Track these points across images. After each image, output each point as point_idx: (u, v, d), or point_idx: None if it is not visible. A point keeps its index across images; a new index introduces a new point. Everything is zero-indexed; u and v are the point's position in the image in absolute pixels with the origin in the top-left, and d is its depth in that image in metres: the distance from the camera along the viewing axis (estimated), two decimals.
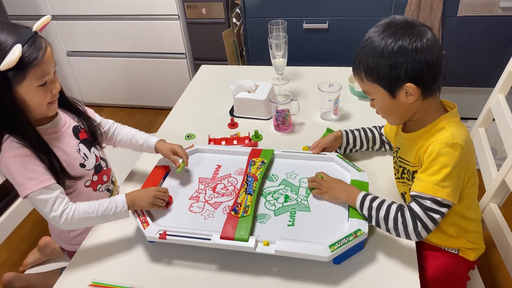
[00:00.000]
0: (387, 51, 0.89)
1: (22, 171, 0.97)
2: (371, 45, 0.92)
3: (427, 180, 0.90)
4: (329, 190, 1.04)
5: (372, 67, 0.92)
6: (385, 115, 1.02)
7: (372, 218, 0.95)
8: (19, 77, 0.91)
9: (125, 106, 2.95)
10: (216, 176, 1.19)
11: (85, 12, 2.55)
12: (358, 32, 2.24)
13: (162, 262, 1.02)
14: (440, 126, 0.94)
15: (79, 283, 0.98)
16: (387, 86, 0.93)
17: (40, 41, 0.95)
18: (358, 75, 0.97)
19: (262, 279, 0.96)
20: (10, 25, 0.93)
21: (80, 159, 1.12)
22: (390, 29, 0.91)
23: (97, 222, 1.04)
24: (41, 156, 1.00)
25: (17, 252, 1.93)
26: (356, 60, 0.96)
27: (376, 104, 1.00)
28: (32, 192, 0.97)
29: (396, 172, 1.10)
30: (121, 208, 1.02)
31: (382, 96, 0.95)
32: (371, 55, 0.92)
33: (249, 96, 1.48)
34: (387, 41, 0.89)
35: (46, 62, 0.95)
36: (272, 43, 1.48)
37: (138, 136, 1.24)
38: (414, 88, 0.90)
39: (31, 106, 0.98)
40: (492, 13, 2.04)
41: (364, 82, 0.96)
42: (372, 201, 0.96)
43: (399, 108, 0.96)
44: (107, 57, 2.72)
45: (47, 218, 0.99)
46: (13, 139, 0.99)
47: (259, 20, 2.29)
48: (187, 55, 2.60)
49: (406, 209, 0.91)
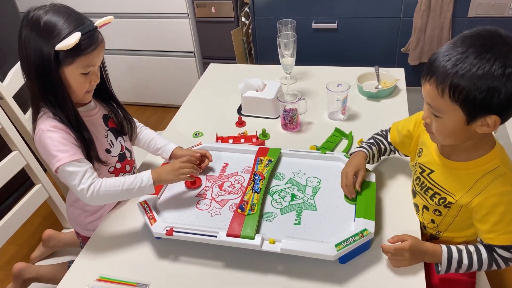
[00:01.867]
0: (490, 74, 0.75)
1: (56, 144, 1.02)
2: (469, 61, 0.77)
3: (508, 231, 0.89)
4: (411, 259, 0.94)
5: (462, 88, 0.77)
6: (442, 135, 0.88)
7: (461, 270, 0.94)
8: (68, 60, 1.00)
9: (134, 103, 2.97)
10: (223, 174, 1.19)
11: (95, 10, 2.56)
12: (367, 32, 2.27)
13: (168, 258, 1.02)
14: (494, 164, 0.88)
15: (86, 278, 0.99)
16: (469, 111, 0.80)
17: (97, 36, 1.04)
18: (436, 87, 0.81)
19: (268, 277, 0.96)
20: (78, 14, 1.03)
21: (107, 145, 1.16)
22: (496, 48, 0.76)
23: (122, 196, 1.07)
24: (75, 133, 1.05)
25: (25, 246, 1.95)
26: (440, 68, 0.80)
27: (439, 123, 0.86)
28: (64, 164, 1.01)
29: (420, 190, 1.03)
30: (147, 183, 1.05)
31: (456, 118, 0.82)
32: (467, 74, 0.76)
33: (257, 95, 1.48)
34: (492, 64, 0.75)
35: (95, 55, 1.03)
36: (281, 42, 1.48)
37: (157, 139, 1.26)
38: (497, 122, 0.80)
39: (72, 88, 1.05)
40: (503, 14, 2.02)
41: (443, 98, 0.81)
42: (460, 256, 0.93)
43: (463, 134, 0.85)
44: (116, 55, 2.74)
45: (75, 190, 1.03)
46: (49, 114, 1.04)
47: (268, 19, 2.30)
48: (195, 53, 2.61)
49: (498, 258, 0.92)
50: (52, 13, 0.99)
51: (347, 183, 1.06)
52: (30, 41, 0.99)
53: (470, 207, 0.92)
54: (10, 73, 1.31)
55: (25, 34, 1.00)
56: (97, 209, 1.21)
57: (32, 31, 0.99)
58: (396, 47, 2.26)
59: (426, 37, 2.14)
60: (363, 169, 1.08)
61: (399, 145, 1.13)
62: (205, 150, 1.23)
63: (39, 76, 1.01)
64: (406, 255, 0.92)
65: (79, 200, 1.20)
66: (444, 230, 1.02)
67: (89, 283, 0.98)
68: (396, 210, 1.08)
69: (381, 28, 2.22)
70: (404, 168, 1.19)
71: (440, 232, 1.03)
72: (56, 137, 1.03)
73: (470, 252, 0.93)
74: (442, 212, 0.99)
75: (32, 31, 0.99)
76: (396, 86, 1.56)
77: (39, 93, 1.04)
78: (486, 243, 0.93)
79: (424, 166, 1.01)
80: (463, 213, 0.95)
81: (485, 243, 0.93)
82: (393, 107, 1.48)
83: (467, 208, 0.93)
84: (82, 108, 1.13)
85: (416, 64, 2.21)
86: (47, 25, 0.98)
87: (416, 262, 0.94)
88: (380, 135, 1.18)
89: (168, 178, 1.07)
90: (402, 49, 2.23)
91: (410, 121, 1.09)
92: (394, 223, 1.04)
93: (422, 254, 0.94)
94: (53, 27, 0.98)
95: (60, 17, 0.99)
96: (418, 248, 0.93)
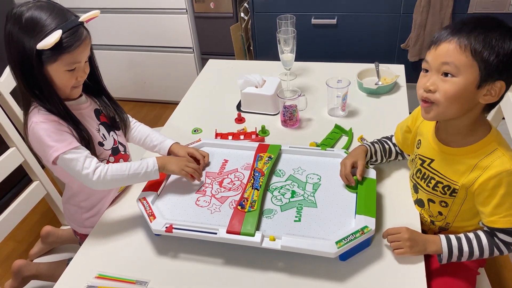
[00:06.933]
0: (508, 39, 0.81)
1: (51, 134, 1.01)
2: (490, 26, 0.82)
3: (510, 214, 0.90)
4: (412, 246, 0.94)
5: (483, 47, 0.81)
6: (448, 100, 0.86)
7: (463, 258, 0.95)
8: (51, 58, 0.98)
9: (132, 99, 2.96)
10: (223, 171, 1.18)
11: (93, 5, 2.54)
12: (367, 28, 2.26)
13: (168, 255, 1.02)
14: (492, 147, 0.90)
15: (85, 275, 0.98)
16: (485, 72, 0.82)
17: (81, 32, 1.00)
18: (459, 43, 0.83)
19: (268, 274, 0.96)
20: (61, 10, 0.99)
21: (99, 138, 1.15)
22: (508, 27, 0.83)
23: (128, 181, 1.08)
24: (67, 123, 1.04)
25: (23, 242, 1.95)
26: (466, 27, 0.83)
27: (450, 84, 0.85)
28: (62, 153, 1.00)
29: (423, 182, 1.03)
30: (152, 168, 1.06)
31: (469, 79, 0.83)
32: (489, 33, 0.81)
33: (257, 91, 1.48)
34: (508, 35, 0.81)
35: (79, 52, 1.00)
36: (281, 38, 1.48)
37: (153, 136, 1.25)
38: (502, 89, 0.84)
39: (57, 85, 1.03)
40: (503, 11, 2.02)
41: (464, 53, 0.82)
42: (460, 243, 0.94)
43: (467, 103, 0.87)
44: (114, 51, 2.73)
45: (79, 176, 1.02)
46: (40, 108, 1.04)
47: (267, 15, 2.29)
48: (194, 49, 2.60)
49: (500, 242, 0.93)
50: (34, 10, 0.97)
51: (345, 173, 1.08)
52: (13, 38, 0.97)
53: (472, 190, 0.93)
54: (7, 69, 1.30)
55: (8, 30, 0.98)
56: (93, 205, 1.19)
57: (15, 28, 0.97)
58: (395, 43, 2.25)
59: (426, 33, 2.13)
60: (362, 159, 1.09)
61: (402, 143, 1.14)
62: (205, 153, 1.21)
63: (23, 73, 1.00)
64: (405, 236, 0.94)
65: (74, 197, 1.19)
66: (452, 221, 1.03)
67: (88, 280, 0.97)
68: (397, 207, 1.08)
69: (380, 24, 2.21)
70: (404, 165, 1.18)
71: (449, 224, 1.04)
72: (50, 128, 1.02)
73: (470, 239, 0.94)
74: (448, 203, 0.99)
75: (14, 28, 0.97)
76: (396, 83, 1.55)
77: (26, 89, 1.03)
78: (489, 227, 0.93)
79: (424, 157, 1.02)
80: (468, 201, 0.96)
81: (488, 228, 0.94)
82: (393, 103, 1.47)
83: (470, 192, 0.94)
84: (73, 102, 1.11)
85: (415, 60, 2.21)
86: (29, 22, 0.96)
87: (419, 251, 0.95)
88: (385, 137, 1.20)
89: (171, 168, 1.09)
90: (402, 45, 2.23)
91: (408, 117, 1.11)
92: (394, 220, 1.04)
93: (422, 240, 0.95)
94: (34, 25, 0.95)
95: (43, 13, 0.96)
96: (417, 234, 0.96)
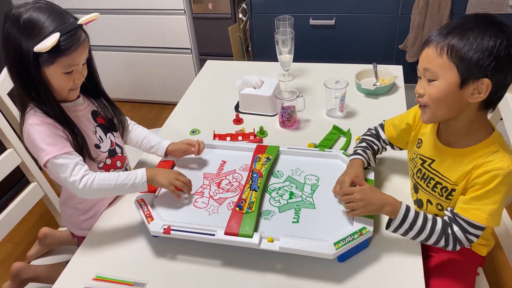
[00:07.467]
0: (485, 38, 0.81)
1: (44, 137, 1.01)
2: (467, 27, 0.84)
3: (482, 209, 0.88)
4: (366, 205, 0.94)
5: (459, 47, 0.82)
6: (435, 102, 0.89)
7: (410, 233, 0.93)
8: (49, 61, 0.97)
9: (130, 100, 2.95)
10: (221, 172, 1.18)
11: (91, 6, 2.54)
12: (365, 29, 2.26)
13: (166, 257, 1.02)
14: (493, 148, 0.89)
15: (82, 277, 0.98)
16: (463, 72, 0.83)
17: (79, 35, 0.99)
18: (435, 48, 0.85)
19: (266, 276, 0.95)
20: (59, 12, 0.98)
21: (96, 140, 1.14)
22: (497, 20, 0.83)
23: (115, 192, 1.06)
24: (63, 127, 1.04)
25: (21, 244, 1.94)
26: (440, 32, 0.86)
27: (433, 88, 0.87)
28: (53, 157, 1.00)
29: (422, 182, 1.02)
30: (140, 179, 1.04)
31: (450, 80, 0.85)
32: (464, 36, 0.82)
33: (255, 92, 1.47)
34: (485, 30, 0.81)
35: (77, 54, 0.99)
36: (279, 39, 1.47)
37: (150, 137, 1.25)
38: (488, 87, 0.83)
39: (54, 87, 1.03)
40: (501, 11, 2.02)
41: (441, 57, 0.85)
42: (416, 217, 0.92)
43: (456, 103, 0.87)
44: (112, 51, 2.72)
45: (66, 183, 1.01)
46: (36, 109, 1.03)
47: (266, 16, 2.29)
48: (192, 50, 2.60)
49: (451, 235, 0.91)
50: (33, 11, 0.96)
51: (344, 192, 0.98)
52: (10, 39, 0.97)
53: (468, 188, 0.92)
54: (4, 70, 1.29)
55: (6, 31, 0.97)
56: (90, 207, 1.19)
57: (12, 29, 0.96)
58: (393, 44, 2.25)
59: (424, 34, 2.13)
60: (361, 173, 1.05)
61: (396, 139, 1.12)
62: (201, 141, 1.22)
63: (20, 74, 0.99)
64: (357, 197, 0.94)
65: (71, 199, 1.19)
66: None
67: (86, 282, 0.96)
68: None
69: (379, 25, 2.21)
70: (402, 166, 1.18)
71: None
72: (44, 131, 1.01)
73: (426, 218, 0.93)
74: (443, 206, 0.99)
75: (12, 29, 0.96)
76: (394, 83, 1.55)
77: (22, 91, 1.02)
78: (454, 213, 0.92)
79: (424, 157, 1.01)
80: None
81: (451, 214, 0.92)
82: (391, 104, 1.48)
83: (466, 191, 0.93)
84: (70, 103, 1.11)
85: (414, 61, 2.21)
86: (27, 24, 0.95)
87: (374, 211, 0.94)
88: (370, 135, 1.16)
89: (161, 181, 1.06)
90: (400, 46, 2.23)
91: (408, 115, 1.09)
92: None
93: (379, 200, 0.94)
94: (32, 27, 0.95)
95: (41, 15, 0.95)
96: (372, 194, 0.95)
